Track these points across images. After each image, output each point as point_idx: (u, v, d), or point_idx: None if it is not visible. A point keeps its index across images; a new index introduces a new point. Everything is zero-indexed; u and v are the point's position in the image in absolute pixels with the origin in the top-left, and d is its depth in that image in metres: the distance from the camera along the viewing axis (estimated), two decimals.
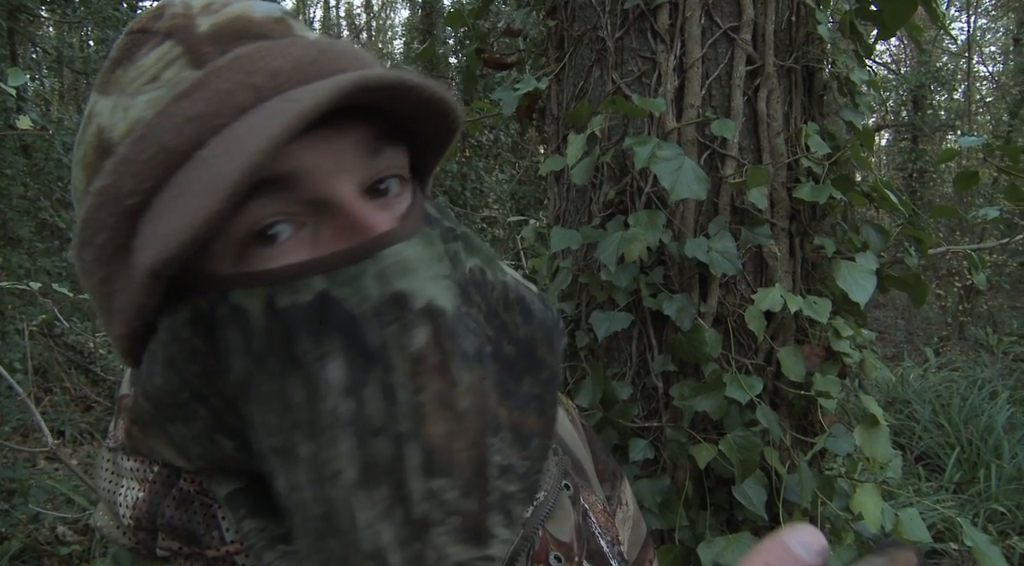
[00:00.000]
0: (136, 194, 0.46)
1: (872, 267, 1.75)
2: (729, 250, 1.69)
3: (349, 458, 0.44)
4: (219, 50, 0.49)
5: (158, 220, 0.45)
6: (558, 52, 2.02)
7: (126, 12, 8.61)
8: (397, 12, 21.53)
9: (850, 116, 1.92)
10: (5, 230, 6.49)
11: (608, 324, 1.76)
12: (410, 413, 0.44)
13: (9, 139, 5.88)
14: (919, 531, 1.70)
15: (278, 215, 0.47)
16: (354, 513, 0.43)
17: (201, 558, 0.53)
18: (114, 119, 0.50)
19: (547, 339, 0.55)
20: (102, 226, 0.48)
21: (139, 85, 0.49)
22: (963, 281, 9.36)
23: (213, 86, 0.46)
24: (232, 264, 0.47)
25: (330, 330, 0.45)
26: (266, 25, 0.51)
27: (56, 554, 4.00)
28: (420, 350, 0.45)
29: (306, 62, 0.48)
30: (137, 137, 0.47)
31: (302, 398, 0.45)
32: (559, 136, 2.02)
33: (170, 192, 0.45)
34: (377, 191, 0.51)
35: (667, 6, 1.78)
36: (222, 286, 0.47)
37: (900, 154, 12.16)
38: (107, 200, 0.47)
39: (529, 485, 0.50)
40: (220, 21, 0.50)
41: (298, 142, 0.45)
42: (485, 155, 9.48)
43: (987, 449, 4.76)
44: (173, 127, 0.46)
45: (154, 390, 0.50)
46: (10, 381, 1.82)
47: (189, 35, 0.49)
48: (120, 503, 0.55)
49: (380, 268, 0.45)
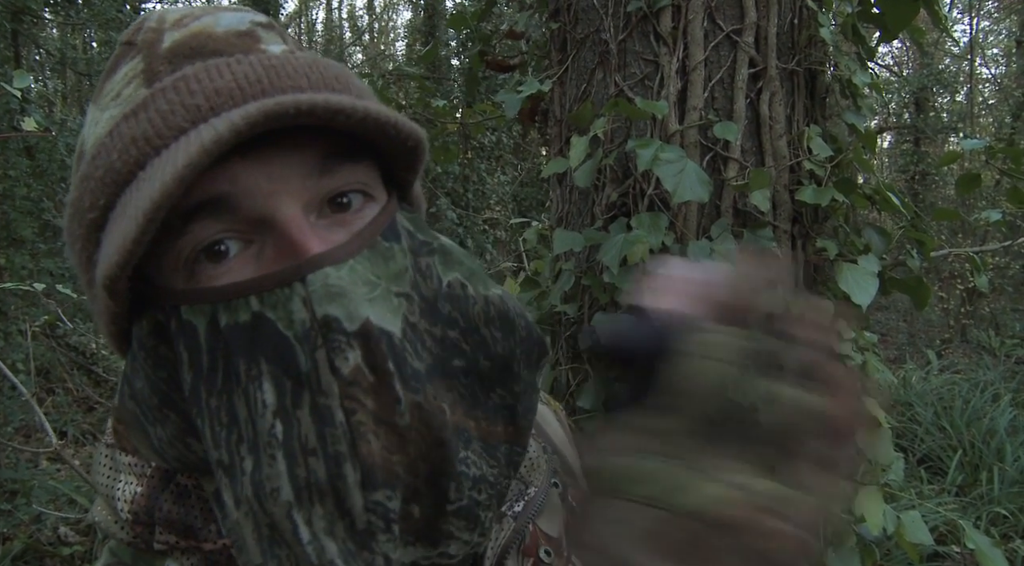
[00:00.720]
0: (95, 209, 0.48)
1: (874, 269, 1.75)
2: (731, 252, 1.69)
3: (285, 477, 0.45)
4: (170, 69, 0.49)
5: (109, 236, 0.47)
6: (561, 55, 2.03)
7: (129, 14, 8.63)
8: (399, 14, 21.56)
9: (852, 118, 1.93)
10: (8, 231, 6.50)
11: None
12: (345, 434, 0.45)
13: (12, 140, 5.90)
14: (921, 533, 1.70)
15: (224, 232, 0.47)
16: (296, 529, 0.44)
17: (198, 551, 0.54)
18: (89, 131, 0.51)
19: (527, 354, 0.56)
20: (76, 236, 0.50)
21: (107, 101, 0.51)
22: (965, 283, 9.36)
23: (156, 107, 0.47)
24: (184, 280, 0.48)
25: (264, 351, 0.45)
26: (226, 40, 0.51)
27: (58, 554, 4.00)
28: (352, 373, 0.45)
29: (251, 81, 0.48)
30: (94, 154, 0.49)
31: (245, 415, 0.46)
32: (562, 138, 2.02)
33: (117, 211, 0.47)
34: (339, 205, 0.51)
35: (670, 9, 1.79)
36: (174, 301, 0.48)
37: (902, 156, 12.16)
38: (75, 212, 0.50)
39: (498, 492, 0.51)
40: (180, 37, 0.51)
41: (239, 163, 0.46)
42: (487, 157, 9.49)
43: (989, 452, 4.76)
44: (120, 148, 0.47)
45: (134, 392, 0.52)
46: (14, 381, 1.82)
47: (152, 51, 0.50)
48: (118, 498, 0.55)
49: (308, 292, 0.45)
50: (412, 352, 0.47)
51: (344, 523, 0.45)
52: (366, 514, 0.45)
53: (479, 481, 0.50)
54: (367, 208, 0.52)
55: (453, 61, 10.84)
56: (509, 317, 0.55)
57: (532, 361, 0.56)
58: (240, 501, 0.46)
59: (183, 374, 0.48)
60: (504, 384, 0.53)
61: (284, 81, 0.49)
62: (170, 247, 0.47)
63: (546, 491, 0.67)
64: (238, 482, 0.46)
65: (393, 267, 0.49)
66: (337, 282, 0.46)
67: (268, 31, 0.54)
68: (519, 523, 0.62)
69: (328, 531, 0.45)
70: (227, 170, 0.46)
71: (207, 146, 0.41)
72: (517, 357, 0.55)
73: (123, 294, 0.47)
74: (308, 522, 0.44)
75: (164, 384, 0.50)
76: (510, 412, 0.53)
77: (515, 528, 0.62)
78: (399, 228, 0.52)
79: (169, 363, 0.49)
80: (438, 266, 0.53)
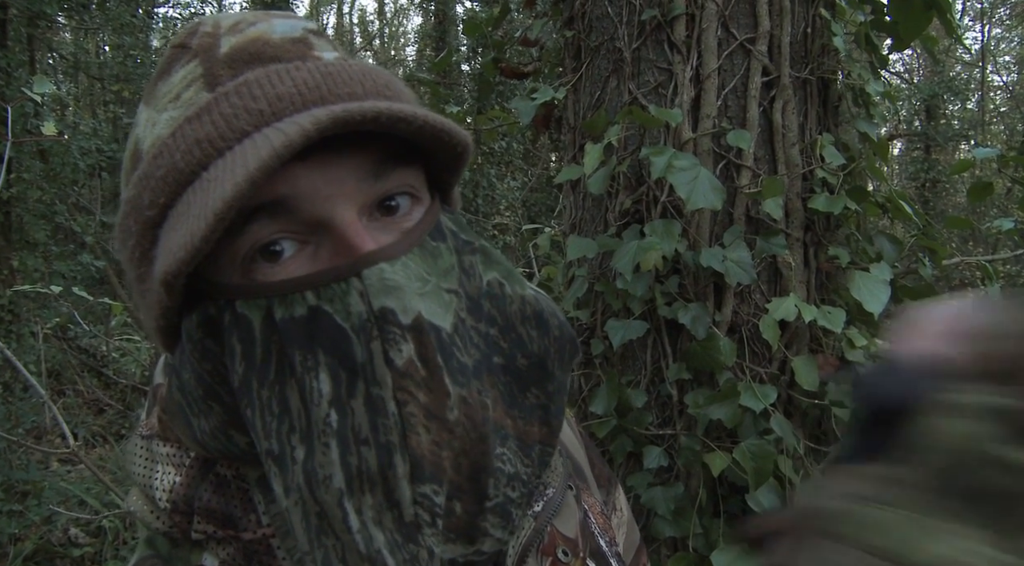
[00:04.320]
0: (154, 207, 0.50)
1: (886, 277, 1.76)
2: (744, 260, 1.70)
3: (338, 465, 0.46)
4: (231, 74, 0.51)
5: (169, 234, 0.48)
6: (575, 62, 2.04)
7: (142, 18, 8.70)
8: (410, 19, 21.62)
9: (864, 127, 1.93)
10: (22, 234, 6.54)
11: (623, 332, 1.77)
12: (396, 425, 0.46)
13: (26, 144, 5.94)
14: None
15: (280, 233, 0.49)
16: (346, 517, 0.46)
17: (236, 541, 0.54)
18: (146, 132, 0.53)
19: (560, 353, 0.58)
20: (130, 232, 0.52)
21: (165, 102, 0.52)
22: (976, 292, 9.31)
23: (220, 110, 0.49)
24: (239, 276, 0.50)
25: (320, 343, 0.47)
26: (282, 47, 0.53)
27: (68, 555, 4.03)
28: (405, 365, 0.47)
29: (310, 87, 0.50)
30: (155, 154, 0.50)
31: (298, 405, 0.48)
32: (575, 145, 2.03)
33: (178, 209, 0.48)
34: (388, 208, 0.53)
35: (684, 18, 1.80)
36: (229, 295, 0.50)
37: (913, 164, 12.13)
38: (132, 210, 0.51)
39: (529, 490, 0.53)
40: (238, 43, 0.52)
41: (300, 166, 0.48)
42: (497, 162, 9.51)
43: None
44: (183, 149, 0.49)
45: (181, 384, 0.54)
46: (32, 382, 1.84)
47: (210, 56, 0.52)
48: (156, 487, 0.56)
49: (364, 286, 0.47)
50: (461, 347, 0.50)
51: (392, 514, 0.46)
52: (413, 507, 0.47)
53: (513, 478, 0.51)
54: (414, 210, 0.54)
55: (464, 66, 10.87)
56: (543, 316, 0.57)
57: (565, 360, 0.58)
58: (290, 489, 0.48)
59: (234, 366, 0.49)
60: (539, 383, 0.55)
61: (341, 88, 0.51)
62: (228, 245, 0.48)
63: (563, 493, 0.68)
64: (288, 471, 0.48)
65: (441, 265, 0.52)
66: (392, 277, 0.48)
67: (319, 38, 0.56)
68: (539, 523, 0.63)
69: (377, 521, 0.46)
70: (287, 173, 0.47)
71: (279, 150, 0.43)
72: (551, 356, 0.56)
73: (179, 290, 0.49)
74: (358, 511, 0.46)
75: (209, 376, 0.52)
76: (544, 412, 0.55)
77: (535, 528, 0.63)
78: (444, 228, 0.55)
79: (215, 356, 0.51)
80: (480, 265, 0.55)
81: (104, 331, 7.11)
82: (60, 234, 7.67)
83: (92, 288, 7.22)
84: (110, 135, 8.33)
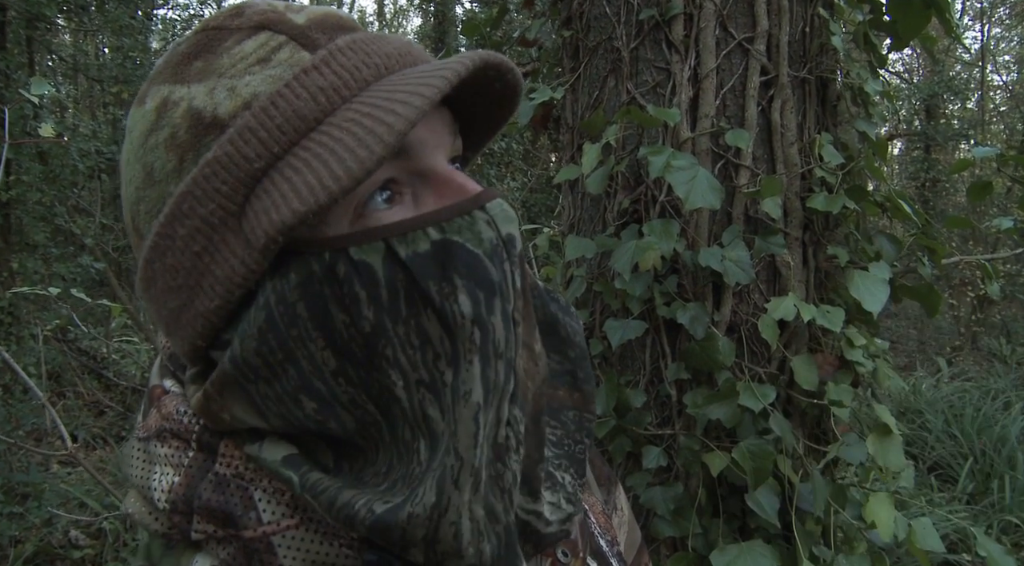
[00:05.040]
0: (261, 159, 0.49)
1: (885, 277, 1.76)
2: (743, 259, 1.70)
3: (478, 380, 0.49)
4: (326, 37, 0.54)
5: (286, 183, 0.48)
6: (573, 62, 2.04)
7: (141, 20, 8.70)
8: (409, 20, 21.61)
9: (863, 126, 1.93)
10: (21, 235, 6.55)
11: (622, 332, 1.77)
12: (516, 342, 0.51)
13: (26, 146, 5.94)
14: (932, 540, 1.70)
15: (390, 181, 0.53)
16: (476, 431, 0.49)
17: (236, 540, 0.54)
18: (216, 99, 0.52)
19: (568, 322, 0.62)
20: (212, 195, 0.50)
21: (243, 67, 0.52)
22: (976, 291, 9.32)
23: (339, 62, 0.52)
24: (349, 224, 0.51)
25: (456, 269, 0.50)
26: (354, 23, 0.57)
27: (69, 558, 4.02)
28: (520, 288, 0.52)
29: (405, 50, 0.55)
30: (264, 106, 0.50)
31: (439, 332, 0.50)
32: (574, 145, 2.03)
33: (299, 157, 0.48)
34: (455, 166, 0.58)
35: (682, 17, 1.80)
36: (340, 244, 0.50)
37: (912, 164, 12.13)
38: (222, 168, 0.50)
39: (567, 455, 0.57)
40: (315, 14, 0.56)
41: None
42: (497, 163, 9.51)
43: (1001, 460, 4.73)
44: (307, 96, 0.50)
45: (246, 353, 0.52)
46: (29, 384, 1.84)
47: (289, 26, 0.54)
48: (155, 488, 0.56)
49: (490, 216, 0.52)
50: None
51: (495, 432, 0.51)
52: (506, 428, 0.51)
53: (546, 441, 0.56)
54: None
55: None
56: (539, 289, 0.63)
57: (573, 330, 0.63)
58: (445, 412, 0.50)
59: (362, 312, 0.50)
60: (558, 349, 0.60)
61: (420, 55, 0.56)
62: None
63: None
64: (442, 394, 0.50)
65: None
66: (508, 210, 0.53)
67: None
68: None
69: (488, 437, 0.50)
70: None
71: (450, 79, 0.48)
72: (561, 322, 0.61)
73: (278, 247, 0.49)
74: (483, 425, 0.49)
75: (293, 341, 0.51)
76: (571, 377, 0.59)
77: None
78: None
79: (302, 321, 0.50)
80: None
81: (104, 333, 7.11)
82: (60, 236, 7.67)
83: (92, 290, 7.23)
84: (109, 137, 8.32)
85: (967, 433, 5.08)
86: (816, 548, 1.75)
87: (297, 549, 0.54)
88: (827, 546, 1.76)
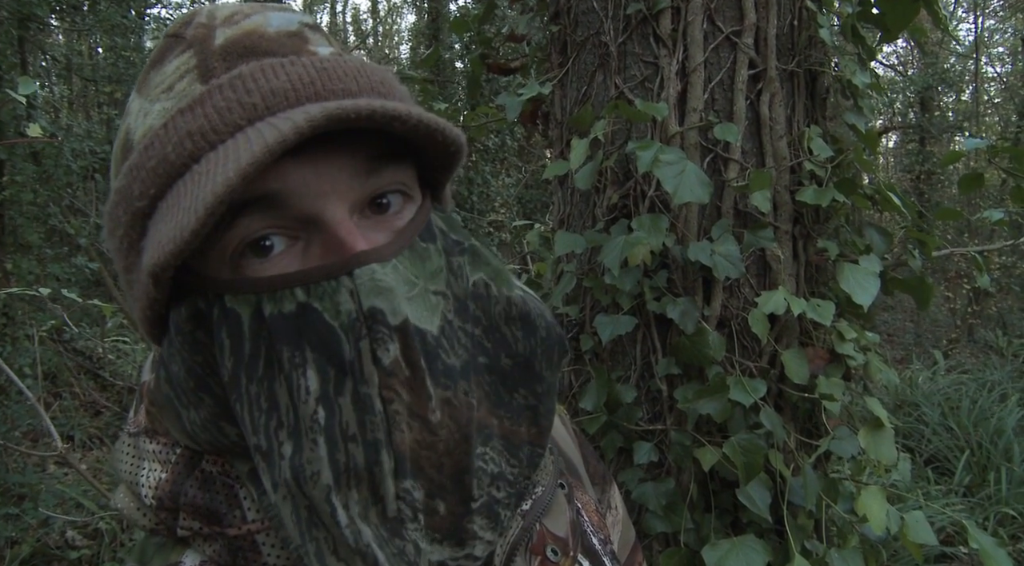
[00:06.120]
0: (143, 198, 0.49)
1: (876, 269, 1.75)
2: (732, 253, 1.69)
3: (326, 462, 0.47)
4: (225, 66, 0.51)
5: (159, 225, 0.48)
6: (561, 57, 2.03)
7: (134, 20, 8.67)
8: (403, 17, 21.58)
9: (853, 119, 1.93)
10: (15, 236, 6.53)
11: (612, 327, 1.76)
12: (382, 422, 0.47)
13: (19, 146, 5.93)
14: (925, 534, 1.69)
15: (270, 229, 0.49)
16: (335, 512, 0.47)
17: (221, 537, 0.54)
18: (137, 122, 0.53)
19: (547, 354, 0.58)
20: (119, 222, 0.52)
21: (158, 92, 0.52)
22: (972, 283, 9.32)
23: (213, 103, 0.49)
24: (229, 271, 0.50)
25: (309, 339, 0.47)
26: (278, 40, 0.53)
27: (65, 558, 4.02)
28: (392, 364, 0.47)
29: (304, 82, 0.50)
30: (147, 144, 0.50)
31: (286, 402, 0.48)
32: (563, 141, 2.03)
33: (168, 202, 0.48)
34: (379, 205, 0.53)
35: (669, 11, 1.79)
36: (218, 290, 0.50)
37: (907, 156, 12.13)
38: (121, 200, 0.51)
39: (518, 491, 0.53)
40: (233, 35, 0.52)
41: (291, 162, 0.48)
42: (492, 159, 9.50)
43: (997, 452, 4.74)
44: (175, 140, 0.48)
45: (170, 376, 0.54)
46: (20, 386, 1.83)
47: (204, 48, 0.52)
48: (142, 483, 0.56)
49: (355, 285, 0.48)
50: (447, 349, 0.50)
51: (377, 509, 0.47)
52: (396, 502, 0.48)
53: (497, 478, 0.52)
54: (406, 208, 0.55)
55: (457, 64, 10.85)
56: (531, 317, 0.57)
57: (553, 361, 0.58)
58: (278, 484, 0.48)
59: (223, 360, 0.49)
60: (526, 384, 0.56)
61: (336, 84, 0.51)
62: (218, 239, 0.48)
63: (553, 491, 0.67)
64: (276, 466, 0.48)
65: (429, 267, 0.52)
66: (383, 278, 0.48)
67: (315, 32, 0.56)
68: (527, 521, 0.63)
69: (363, 516, 0.47)
70: (278, 168, 0.47)
71: (271, 146, 0.43)
72: (538, 357, 0.57)
73: (167, 282, 0.49)
74: (345, 506, 0.47)
75: (200, 368, 0.52)
76: (533, 413, 0.56)
77: (523, 526, 0.63)
78: (434, 228, 0.55)
79: (206, 348, 0.51)
80: (467, 266, 0.56)
81: (100, 333, 7.09)
82: (54, 236, 7.65)
83: (87, 290, 7.22)
84: (103, 137, 8.31)
85: (963, 425, 5.09)
86: (808, 542, 1.75)
87: (282, 547, 0.54)
88: (820, 540, 1.76)
